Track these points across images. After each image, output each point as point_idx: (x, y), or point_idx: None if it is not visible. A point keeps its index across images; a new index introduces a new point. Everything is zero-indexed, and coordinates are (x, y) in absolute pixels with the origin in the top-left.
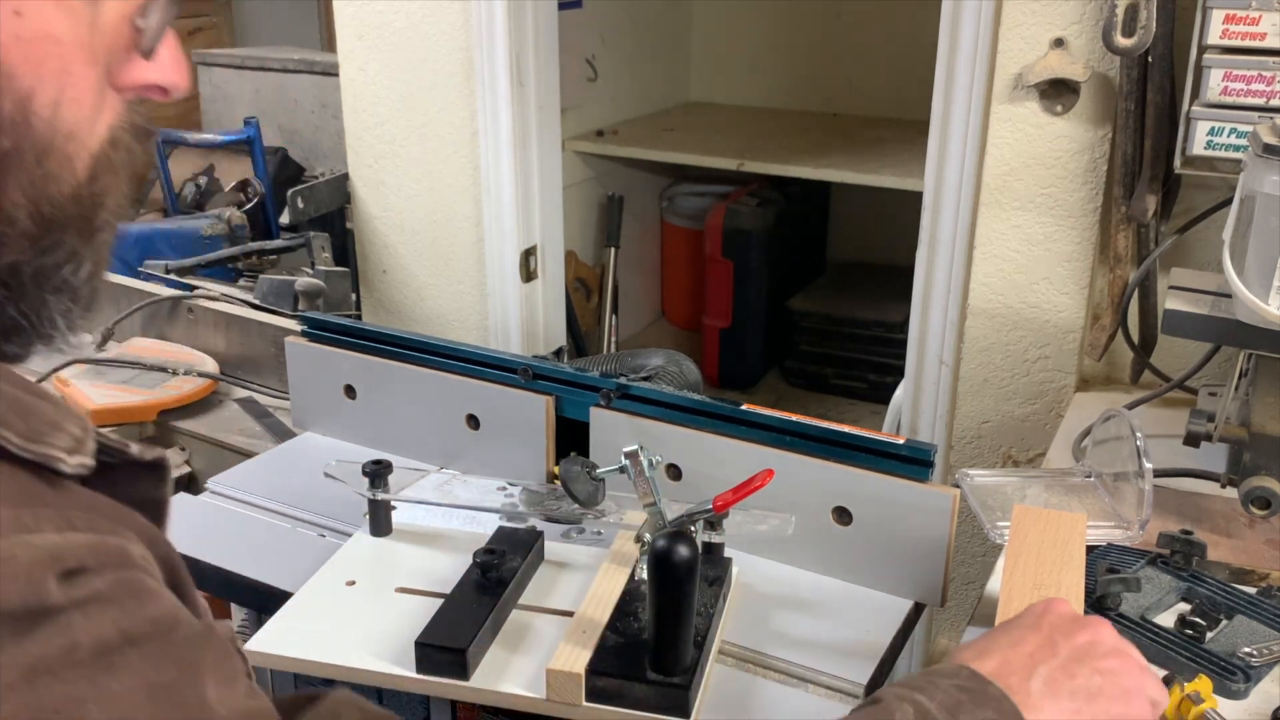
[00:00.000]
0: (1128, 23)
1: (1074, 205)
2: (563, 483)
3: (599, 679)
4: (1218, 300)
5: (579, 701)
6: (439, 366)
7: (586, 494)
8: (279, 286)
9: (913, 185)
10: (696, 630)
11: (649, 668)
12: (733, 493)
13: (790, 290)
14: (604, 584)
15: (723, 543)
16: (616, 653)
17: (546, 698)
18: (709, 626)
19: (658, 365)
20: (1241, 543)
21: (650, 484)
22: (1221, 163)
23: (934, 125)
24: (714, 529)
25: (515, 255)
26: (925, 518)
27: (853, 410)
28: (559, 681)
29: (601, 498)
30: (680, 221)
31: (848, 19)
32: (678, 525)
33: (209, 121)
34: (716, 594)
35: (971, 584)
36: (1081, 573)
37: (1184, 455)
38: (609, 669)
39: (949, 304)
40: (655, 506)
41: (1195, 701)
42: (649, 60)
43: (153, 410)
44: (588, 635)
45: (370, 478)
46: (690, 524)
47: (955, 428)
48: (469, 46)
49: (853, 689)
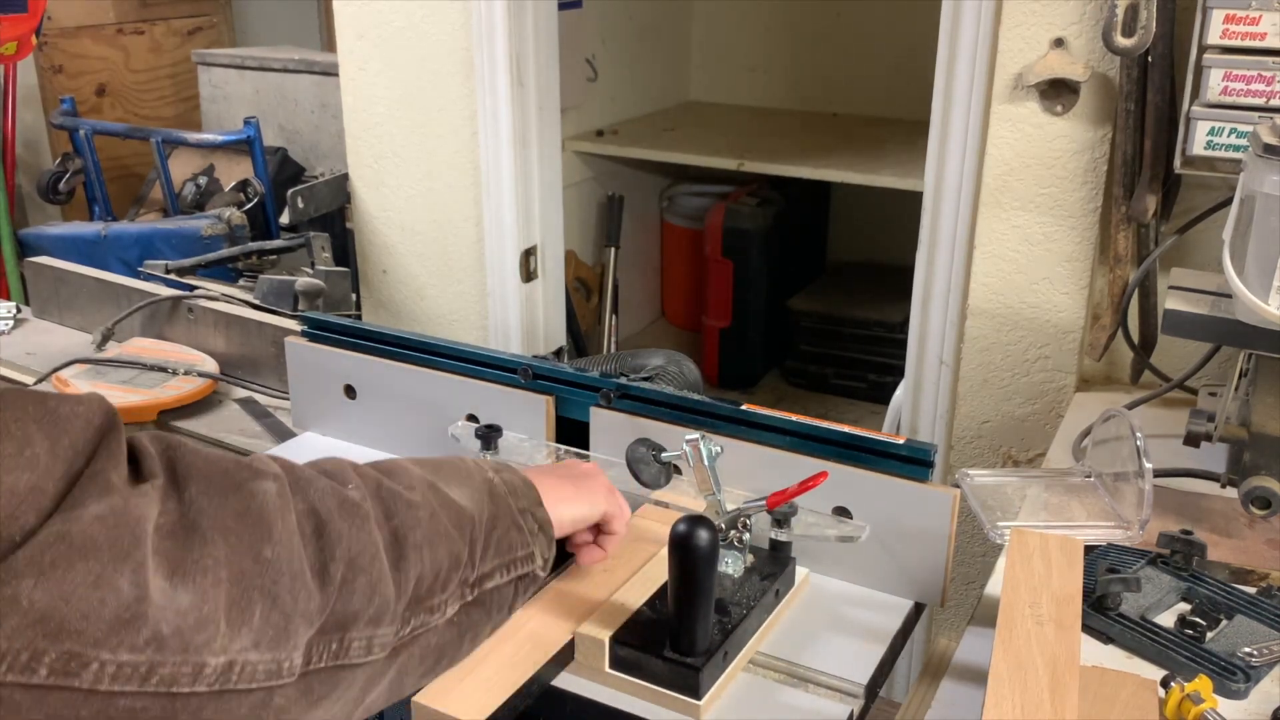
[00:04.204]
0: (1128, 23)
1: (1074, 205)
2: (629, 465)
3: (621, 649)
4: (1218, 300)
5: (603, 667)
6: (439, 366)
7: (651, 477)
8: (279, 286)
9: (913, 185)
10: (727, 618)
11: (668, 645)
12: (786, 492)
13: (790, 290)
14: (654, 566)
15: (789, 541)
16: (643, 627)
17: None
18: (744, 617)
19: (658, 365)
20: (1241, 543)
21: (710, 474)
22: (1221, 163)
23: (934, 125)
24: (781, 526)
25: (515, 255)
26: (925, 518)
27: (853, 410)
28: (585, 645)
29: (665, 482)
30: (680, 221)
31: (848, 19)
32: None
33: (209, 121)
34: (766, 589)
35: (971, 584)
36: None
37: (1184, 455)
38: (631, 641)
39: (949, 304)
40: (715, 496)
41: (1195, 701)
42: (649, 60)
43: (153, 410)
44: (623, 609)
45: (482, 440)
46: (746, 518)
47: (955, 428)
48: (469, 46)
49: (853, 689)
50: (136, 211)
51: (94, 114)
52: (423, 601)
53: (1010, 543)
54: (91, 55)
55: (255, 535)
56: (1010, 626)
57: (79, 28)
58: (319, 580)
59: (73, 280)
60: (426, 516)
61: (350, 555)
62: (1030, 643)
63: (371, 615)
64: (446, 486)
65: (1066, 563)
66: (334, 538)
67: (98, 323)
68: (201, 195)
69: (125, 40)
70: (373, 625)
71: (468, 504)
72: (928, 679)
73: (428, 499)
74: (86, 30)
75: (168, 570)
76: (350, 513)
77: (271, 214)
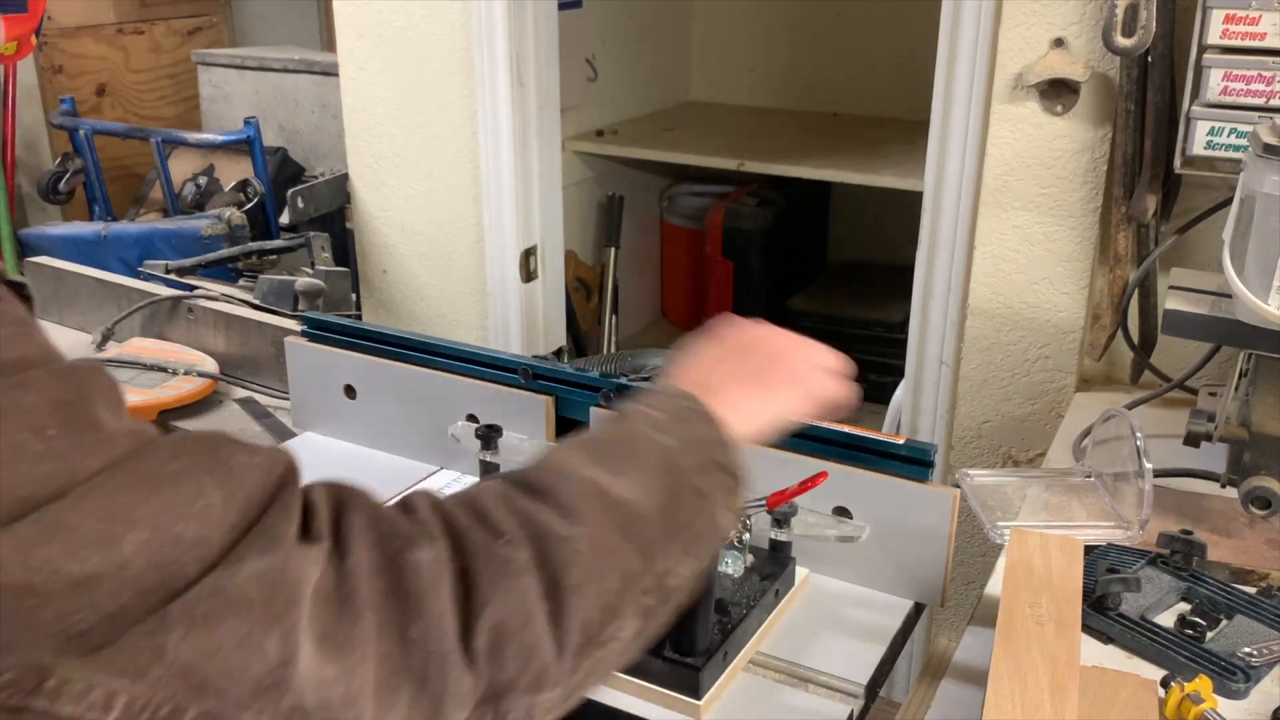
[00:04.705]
0: (1128, 23)
1: (1074, 205)
2: None
3: None
4: (1218, 300)
5: None
6: (439, 366)
7: None
8: (279, 286)
9: (913, 185)
10: (727, 618)
11: (668, 645)
12: (786, 492)
13: (790, 290)
14: None
15: (789, 541)
16: None
17: None
18: (744, 617)
19: (658, 365)
20: (1241, 543)
21: None
22: (1221, 163)
23: (934, 125)
24: (781, 526)
25: (515, 255)
26: (925, 518)
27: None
28: None
29: None
30: (680, 221)
31: (848, 19)
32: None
33: (209, 121)
34: (766, 589)
35: (971, 584)
36: (1078, 599)
37: (1184, 455)
38: None
39: (949, 304)
40: None
41: (1195, 701)
42: (649, 60)
43: (153, 410)
44: None
45: (482, 440)
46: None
47: (955, 428)
48: (469, 46)
49: (853, 689)
50: (136, 211)
51: (94, 114)
52: (592, 641)
53: (1010, 543)
54: (91, 55)
55: (404, 613)
56: (1010, 626)
57: (79, 28)
58: (467, 656)
59: (73, 280)
60: (588, 546)
61: (496, 620)
62: (1030, 643)
63: (529, 683)
64: (613, 480)
65: (1066, 563)
66: (480, 603)
67: (98, 323)
68: (201, 195)
69: (125, 40)
70: (531, 692)
71: (637, 495)
72: (928, 679)
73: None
74: (86, 30)
75: (317, 639)
76: (500, 571)
77: (271, 214)
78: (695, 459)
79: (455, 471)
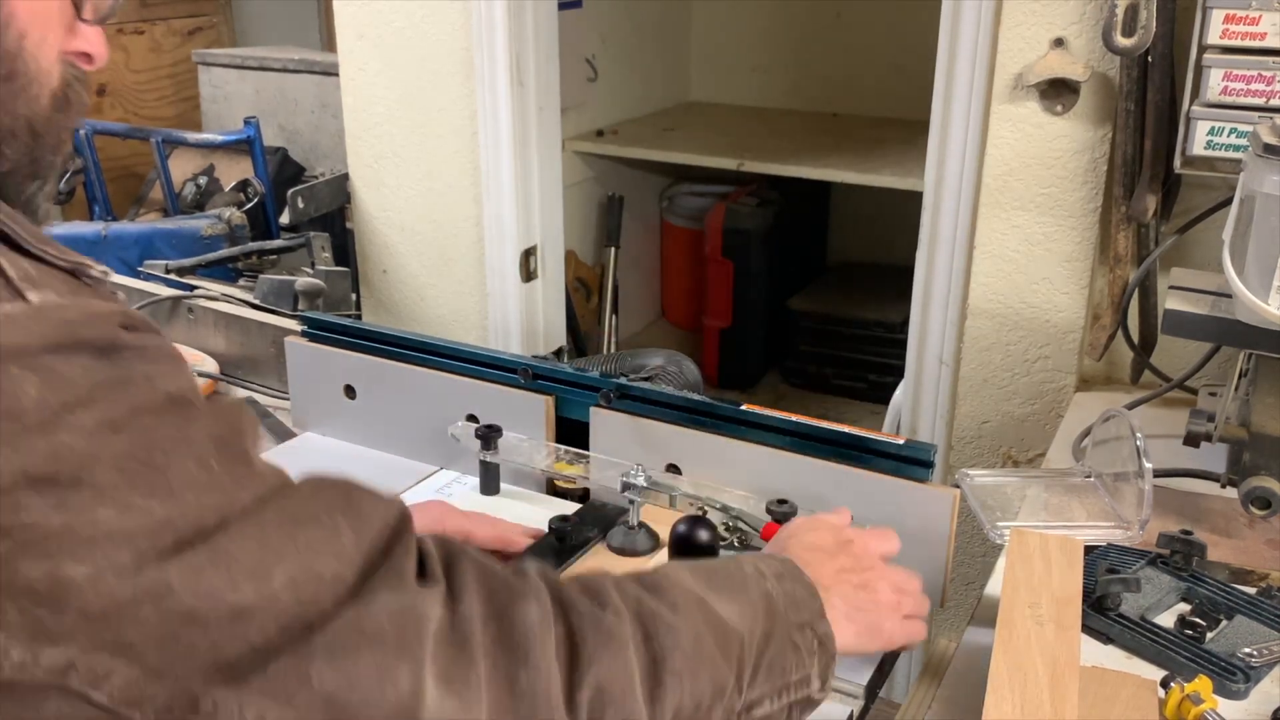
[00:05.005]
0: (1128, 23)
1: (1074, 205)
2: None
3: None
4: (1218, 300)
5: None
6: (439, 366)
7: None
8: (279, 286)
9: (913, 185)
10: None
11: None
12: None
13: (790, 290)
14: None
15: None
16: None
17: None
18: None
19: (658, 365)
20: (1241, 543)
21: None
22: (1221, 163)
23: (934, 125)
24: None
25: (515, 255)
26: (925, 518)
27: (853, 410)
28: None
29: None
30: (680, 221)
31: (848, 19)
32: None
33: (209, 121)
34: None
35: (971, 584)
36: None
37: (1184, 455)
38: None
39: (949, 304)
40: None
41: (1195, 702)
42: (649, 60)
43: None
44: None
45: (482, 440)
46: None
47: (955, 428)
48: (469, 46)
49: (853, 689)
50: (136, 211)
51: (94, 114)
52: None
53: (1010, 543)
54: None
55: (512, 662)
56: (1010, 627)
57: None
58: (568, 710)
59: None
60: (690, 641)
61: (599, 682)
62: (1030, 643)
63: None
64: (717, 600)
65: (1066, 563)
66: (585, 663)
67: None
68: (201, 195)
69: (125, 40)
70: None
71: (738, 622)
72: (928, 679)
73: (693, 619)
74: None
75: (439, 677)
76: (606, 638)
77: (271, 214)
78: (796, 616)
79: (455, 471)
